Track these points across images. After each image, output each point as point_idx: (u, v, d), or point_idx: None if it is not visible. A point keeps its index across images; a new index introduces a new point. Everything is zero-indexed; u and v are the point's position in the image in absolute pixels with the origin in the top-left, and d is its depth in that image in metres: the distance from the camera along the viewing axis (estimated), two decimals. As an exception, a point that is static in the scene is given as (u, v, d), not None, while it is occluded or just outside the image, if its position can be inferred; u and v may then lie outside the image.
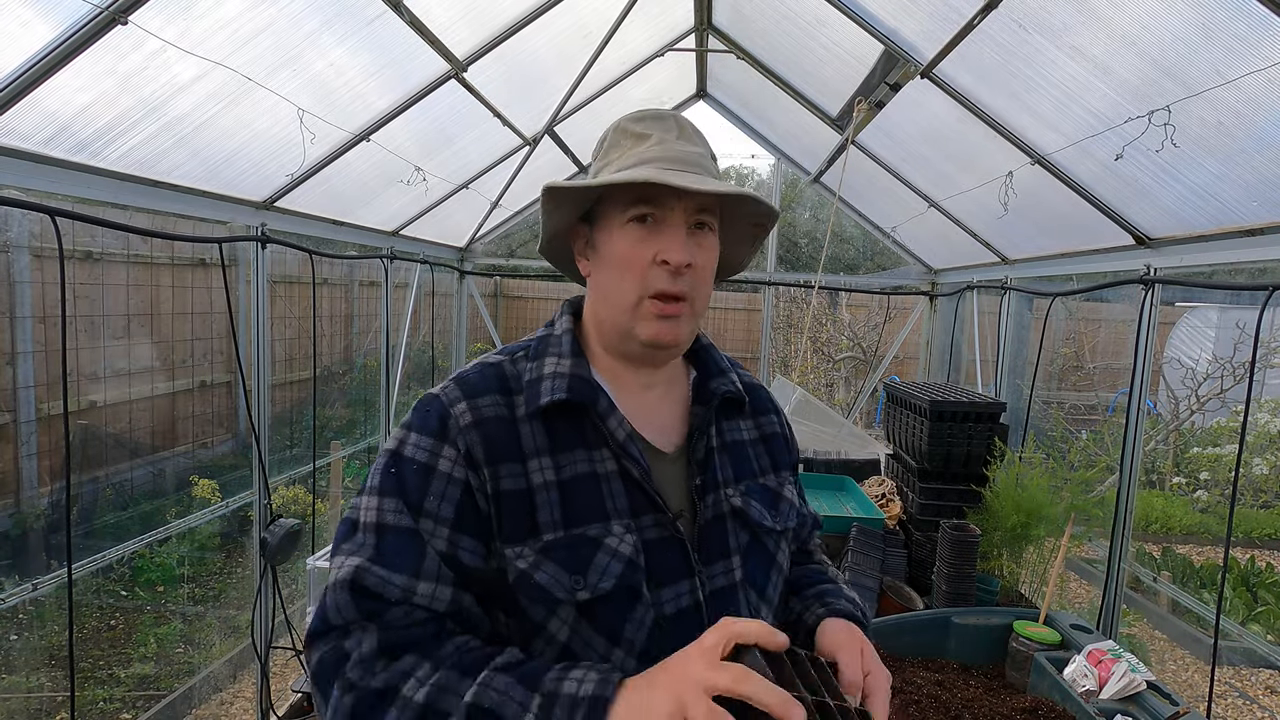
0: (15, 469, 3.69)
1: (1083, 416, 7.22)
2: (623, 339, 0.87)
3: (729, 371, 0.99)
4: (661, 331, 0.84)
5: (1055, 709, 1.66)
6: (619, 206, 0.84)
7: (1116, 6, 1.71)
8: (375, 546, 0.76)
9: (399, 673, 0.70)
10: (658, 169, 0.81)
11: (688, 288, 0.83)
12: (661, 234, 0.83)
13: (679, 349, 0.90)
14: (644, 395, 0.92)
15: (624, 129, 0.90)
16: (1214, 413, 6.11)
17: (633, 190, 0.82)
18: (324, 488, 4.89)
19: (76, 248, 3.92)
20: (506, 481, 0.80)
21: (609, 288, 0.86)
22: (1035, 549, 2.29)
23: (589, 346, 0.92)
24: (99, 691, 3.42)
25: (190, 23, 1.74)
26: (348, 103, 2.49)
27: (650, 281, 0.83)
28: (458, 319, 5.07)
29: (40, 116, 1.71)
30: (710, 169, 0.88)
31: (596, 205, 0.88)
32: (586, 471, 0.83)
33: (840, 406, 6.99)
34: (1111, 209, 2.39)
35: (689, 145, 0.87)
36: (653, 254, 0.82)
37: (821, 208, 5.54)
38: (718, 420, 0.95)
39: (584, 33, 3.05)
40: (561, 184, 0.83)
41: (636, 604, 0.80)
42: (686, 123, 0.91)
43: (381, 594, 0.74)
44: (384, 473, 0.80)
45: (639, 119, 0.90)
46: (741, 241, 0.97)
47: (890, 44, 2.52)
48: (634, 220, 0.83)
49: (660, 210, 0.83)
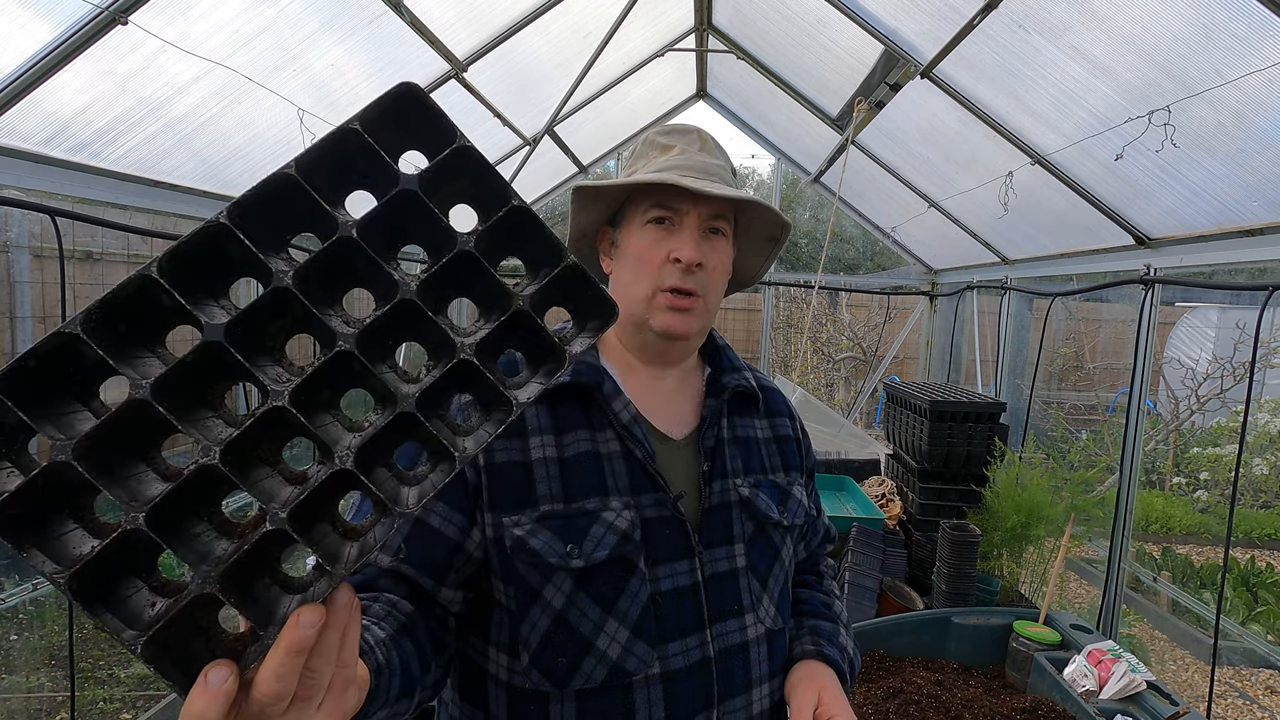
0: (15, 469, 3.69)
1: (1083, 416, 7.22)
2: (639, 329, 0.93)
3: (744, 370, 1.02)
4: (673, 322, 0.90)
5: (1055, 709, 1.66)
6: (640, 209, 0.91)
7: (1116, 6, 1.71)
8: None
9: None
10: (677, 174, 0.88)
11: (698, 285, 0.89)
12: (676, 235, 0.89)
13: (690, 342, 0.94)
14: (657, 386, 0.96)
15: (651, 141, 0.98)
16: (1214, 413, 6.11)
17: (653, 194, 0.89)
18: (324, 488, 4.88)
19: (76, 248, 3.91)
20: (500, 454, 0.84)
21: (627, 281, 0.92)
22: (1035, 549, 2.29)
23: (605, 339, 0.98)
24: (99, 691, 3.42)
25: (190, 23, 1.74)
26: (348, 103, 2.49)
27: (664, 277, 0.89)
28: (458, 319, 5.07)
29: (40, 117, 1.71)
30: (728, 179, 0.94)
31: (621, 209, 0.95)
32: (589, 450, 0.87)
33: (840, 406, 6.99)
34: (1111, 209, 2.39)
35: (710, 158, 0.94)
36: (667, 252, 0.89)
37: (821, 208, 5.54)
38: (730, 415, 0.98)
39: (584, 33, 3.05)
40: (589, 184, 0.92)
41: (631, 577, 0.82)
42: (709, 137, 0.98)
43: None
44: None
45: (666, 132, 0.98)
46: (756, 253, 1.02)
47: (890, 44, 2.52)
48: (653, 221, 0.90)
49: (676, 213, 0.90)
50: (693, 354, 1.00)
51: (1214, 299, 7.60)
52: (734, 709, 0.86)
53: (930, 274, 4.67)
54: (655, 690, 0.82)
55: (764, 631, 0.90)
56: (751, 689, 0.88)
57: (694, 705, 0.83)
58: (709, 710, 0.84)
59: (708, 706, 0.84)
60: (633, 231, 0.92)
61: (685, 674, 0.83)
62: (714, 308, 0.94)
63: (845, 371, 7.66)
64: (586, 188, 0.92)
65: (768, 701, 0.91)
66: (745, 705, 0.87)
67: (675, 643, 0.83)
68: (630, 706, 0.81)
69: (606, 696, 0.81)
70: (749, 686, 0.88)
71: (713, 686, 0.85)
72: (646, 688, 0.81)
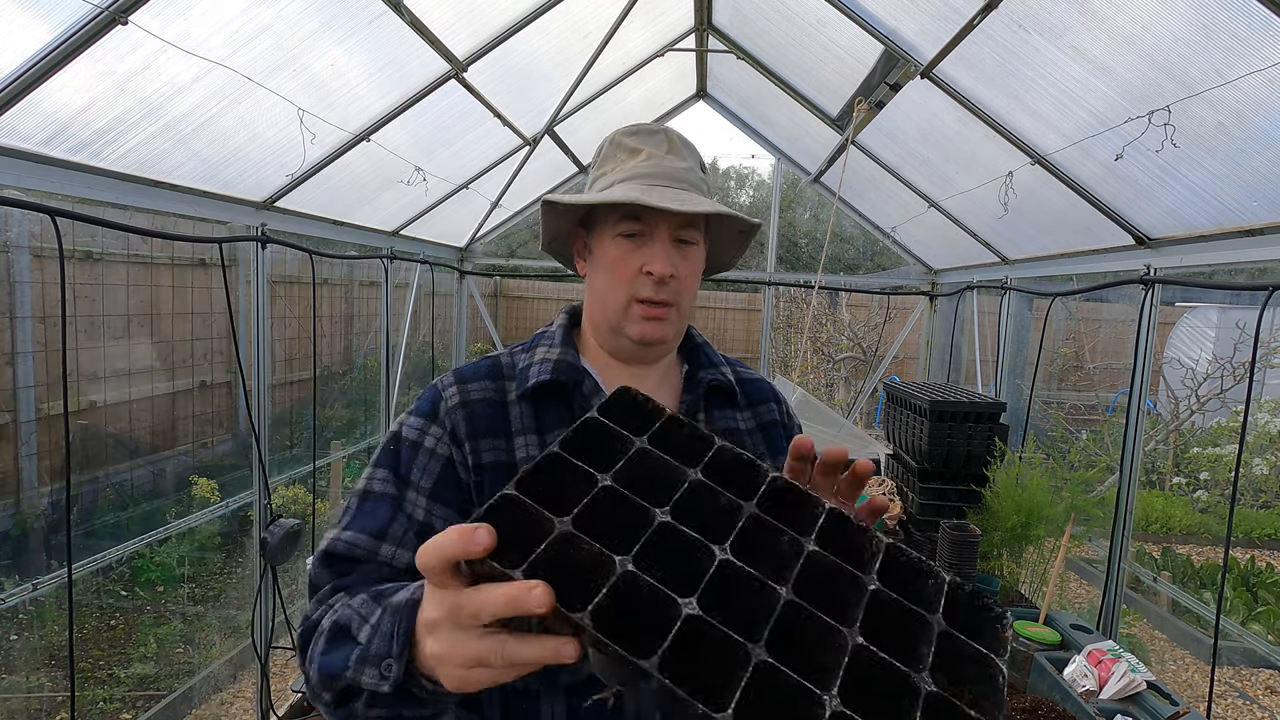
0: (15, 469, 3.69)
1: (1083, 416, 7.22)
2: (615, 335, 0.95)
3: (720, 365, 1.04)
4: (648, 330, 0.92)
5: (1055, 709, 1.66)
6: (610, 220, 0.92)
7: (1116, 6, 1.71)
8: (354, 512, 0.85)
9: (329, 606, 0.75)
10: (645, 186, 0.90)
11: (671, 295, 0.92)
12: (647, 247, 0.91)
13: (665, 346, 0.97)
14: (637, 384, 0.96)
15: (619, 142, 0.97)
16: (1214, 413, 6.11)
17: (622, 206, 0.90)
18: (324, 488, 4.89)
19: (76, 248, 3.91)
20: (488, 455, 0.87)
21: (602, 290, 0.94)
22: (1035, 549, 2.29)
23: (585, 341, 1.00)
24: (99, 691, 3.42)
25: (190, 24, 1.74)
26: (348, 103, 2.49)
27: (637, 288, 0.91)
28: (458, 319, 5.07)
29: (40, 117, 1.71)
30: (697, 183, 0.95)
31: (593, 213, 0.96)
32: None
33: (840, 406, 6.99)
34: (1111, 209, 2.39)
35: (678, 160, 0.95)
36: (639, 265, 0.90)
37: (821, 208, 5.54)
38: (709, 409, 0.99)
39: (584, 33, 3.05)
40: (557, 199, 0.93)
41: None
42: (677, 137, 0.98)
43: (349, 555, 0.82)
44: (384, 449, 0.90)
45: (633, 133, 0.97)
46: (729, 244, 1.04)
47: (890, 44, 2.52)
48: (623, 234, 0.91)
49: (646, 226, 0.91)
50: (670, 354, 1.02)
51: (1214, 299, 7.60)
52: None
53: (930, 274, 4.67)
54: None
55: None
56: None
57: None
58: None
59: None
60: (605, 241, 0.93)
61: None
62: (687, 311, 0.96)
63: (845, 371, 7.66)
64: (556, 204, 0.93)
65: None
66: None
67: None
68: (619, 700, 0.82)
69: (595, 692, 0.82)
70: None
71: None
72: None
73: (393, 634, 0.59)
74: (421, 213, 3.76)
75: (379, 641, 0.61)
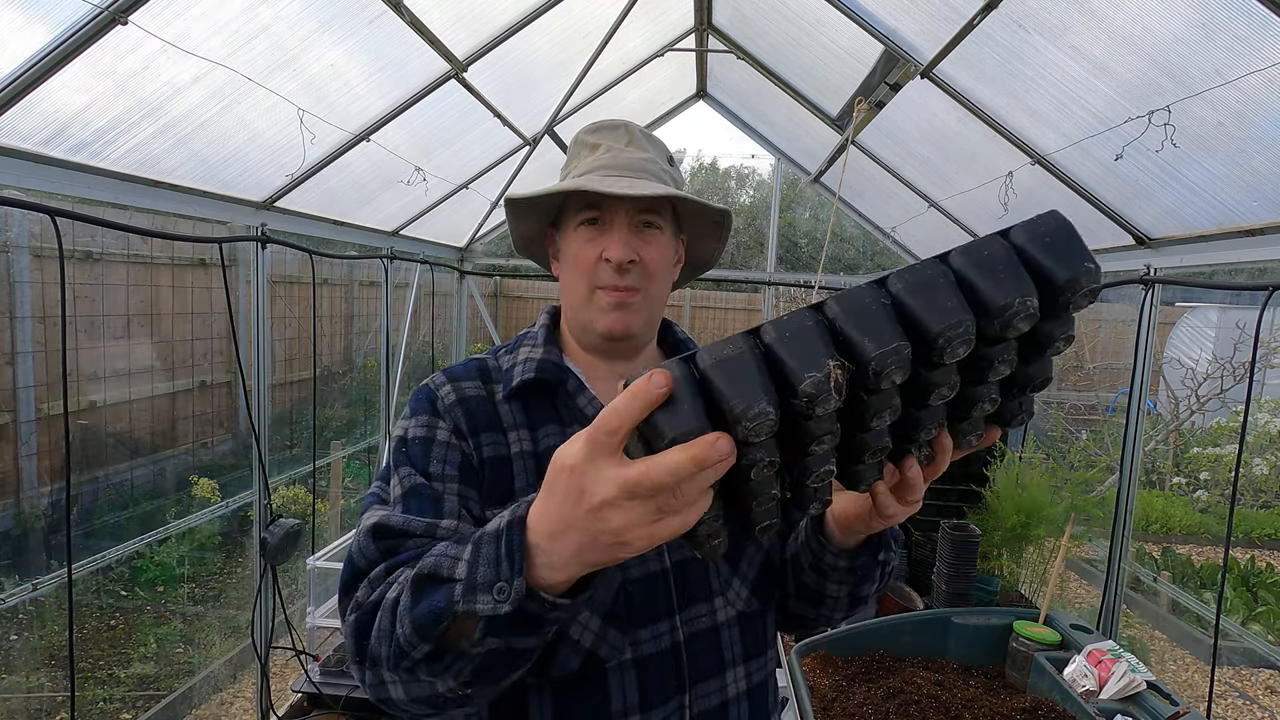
0: (15, 469, 3.69)
1: (1083, 416, 7.21)
2: (585, 332, 0.95)
3: None
4: (613, 322, 0.91)
5: (1055, 709, 1.66)
6: (573, 212, 0.93)
7: (1116, 6, 1.71)
8: (400, 502, 0.83)
9: (391, 583, 0.72)
10: (599, 176, 0.90)
11: (635, 281, 0.91)
12: (607, 234, 0.91)
13: (633, 338, 0.95)
14: (618, 384, 0.94)
15: (580, 140, 0.99)
16: (1214, 413, 6.11)
17: (583, 197, 0.91)
18: (324, 487, 4.89)
19: (76, 248, 3.91)
20: (488, 449, 0.88)
21: (568, 284, 0.95)
22: (1035, 549, 2.29)
23: (566, 341, 1.00)
24: (99, 691, 3.42)
25: (189, 24, 1.74)
26: (347, 103, 2.49)
27: (599, 276, 0.91)
28: (458, 319, 5.07)
29: (40, 117, 1.71)
30: (658, 173, 0.95)
31: (561, 212, 0.97)
32: (559, 443, 0.86)
33: (840, 406, 6.96)
34: (1111, 209, 2.39)
35: (638, 152, 0.96)
36: (599, 252, 0.91)
37: (821, 208, 5.54)
38: None
39: (584, 33, 3.05)
40: (516, 194, 0.94)
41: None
42: (638, 131, 0.99)
43: (405, 529, 0.78)
44: (396, 454, 0.89)
45: (594, 130, 0.99)
46: (707, 237, 1.04)
47: (890, 44, 2.52)
48: (584, 223, 0.92)
49: (605, 214, 0.91)
50: (646, 348, 1.01)
51: (1214, 299, 7.60)
52: (708, 692, 0.88)
53: (930, 274, 4.66)
54: (629, 676, 0.84)
55: (735, 614, 0.92)
56: (725, 671, 0.90)
57: (666, 690, 0.86)
58: (681, 694, 0.87)
59: (680, 690, 0.87)
60: (569, 235, 0.94)
61: (657, 659, 0.86)
62: (658, 300, 0.95)
63: (845, 371, 7.64)
64: (514, 200, 0.95)
65: (744, 684, 0.92)
66: (720, 688, 0.90)
67: (646, 629, 0.86)
68: (605, 693, 0.83)
69: (582, 684, 0.83)
70: (721, 669, 0.90)
71: (683, 671, 0.87)
72: (620, 674, 0.84)
73: (499, 556, 0.59)
74: (421, 213, 3.76)
75: (484, 569, 0.60)
